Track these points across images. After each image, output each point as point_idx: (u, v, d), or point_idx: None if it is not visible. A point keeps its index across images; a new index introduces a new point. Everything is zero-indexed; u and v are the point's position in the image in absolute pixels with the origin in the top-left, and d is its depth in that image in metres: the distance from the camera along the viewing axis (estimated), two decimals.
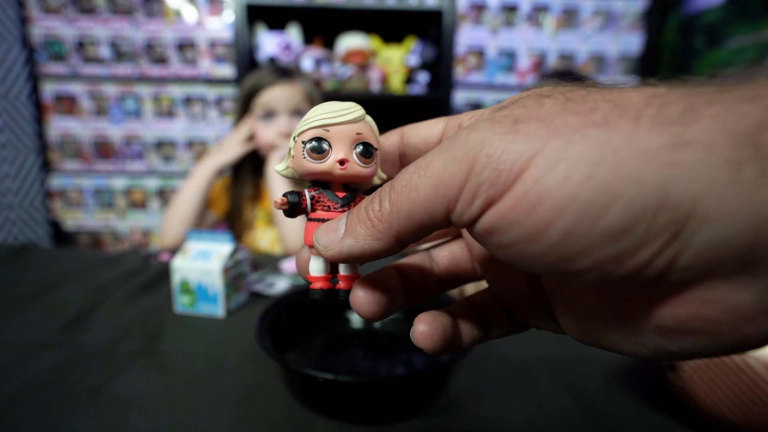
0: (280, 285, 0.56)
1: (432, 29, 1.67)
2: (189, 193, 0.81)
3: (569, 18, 1.58)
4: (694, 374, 0.31)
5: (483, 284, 0.18)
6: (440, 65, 1.60)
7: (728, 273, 0.10)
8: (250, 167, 0.86)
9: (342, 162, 0.15)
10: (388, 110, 1.77)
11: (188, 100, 1.60)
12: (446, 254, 0.18)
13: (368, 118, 0.15)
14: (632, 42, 1.60)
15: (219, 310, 0.47)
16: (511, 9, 1.57)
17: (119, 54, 1.55)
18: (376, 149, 0.15)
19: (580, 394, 0.34)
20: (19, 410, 0.31)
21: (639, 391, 0.34)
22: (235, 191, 0.87)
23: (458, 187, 0.11)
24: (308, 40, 1.64)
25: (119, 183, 1.63)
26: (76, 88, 1.56)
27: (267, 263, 0.64)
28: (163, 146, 1.63)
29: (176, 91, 1.59)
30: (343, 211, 0.15)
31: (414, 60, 1.59)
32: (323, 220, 0.15)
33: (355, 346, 0.42)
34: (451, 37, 1.55)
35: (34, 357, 0.38)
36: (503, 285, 0.16)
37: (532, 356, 0.39)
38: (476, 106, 1.61)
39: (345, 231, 0.13)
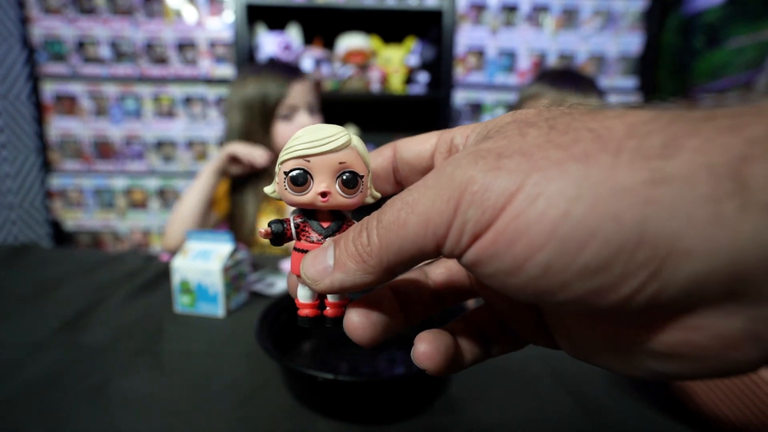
0: (280, 285, 0.56)
1: (432, 29, 1.67)
2: (192, 194, 0.81)
3: (569, 18, 1.58)
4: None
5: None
6: (440, 65, 1.60)
7: (714, 302, 0.10)
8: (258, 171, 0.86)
9: (324, 194, 0.14)
10: (388, 110, 1.77)
11: (188, 100, 1.60)
12: (442, 271, 0.18)
13: (355, 141, 0.15)
14: (632, 42, 1.60)
15: (219, 310, 0.47)
16: (511, 9, 1.57)
17: (119, 54, 1.55)
18: (362, 177, 0.15)
19: (580, 395, 0.34)
20: (20, 410, 0.31)
21: (639, 391, 0.34)
22: (239, 194, 0.87)
23: (446, 225, 0.11)
24: (308, 40, 1.64)
25: (119, 183, 1.63)
26: (76, 88, 1.56)
27: (267, 263, 0.64)
28: (163, 146, 1.63)
29: (176, 91, 1.59)
30: None
31: (414, 60, 1.59)
32: (307, 251, 0.15)
33: (355, 346, 0.42)
34: (451, 37, 1.55)
35: (34, 357, 0.38)
36: (500, 303, 0.16)
37: (533, 356, 0.39)
38: (476, 105, 1.62)
39: (334, 265, 0.13)
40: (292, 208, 0.16)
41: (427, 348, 0.15)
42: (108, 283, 0.56)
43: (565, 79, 0.82)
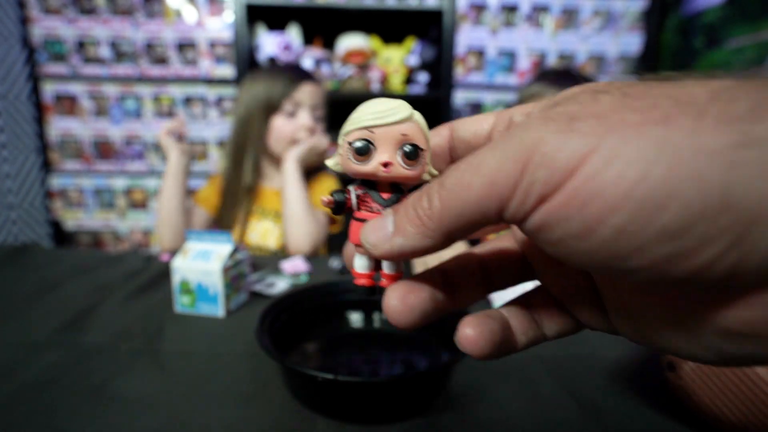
0: (280, 285, 0.56)
1: (432, 29, 1.67)
2: (162, 196, 0.81)
3: (569, 18, 1.58)
4: (693, 374, 0.31)
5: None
6: (440, 65, 1.60)
7: None
8: (251, 163, 0.85)
9: (386, 164, 0.15)
10: None
11: (188, 101, 1.60)
12: (493, 251, 0.17)
13: (417, 116, 0.15)
14: (632, 42, 1.60)
15: (219, 310, 0.47)
16: (510, 9, 1.57)
17: (119, 54, 1.56)
18: (422, 150, 0.15)
19: (580, 394, 0.34)
20: (20, 410, 0.31)
21: (639, 391, 0.34)
22: (232, 187, 0.86)
23: (512, 186, 0.11)
24: (308, 40, 1.64)
25: (119, 183, 1.63)
26: (76, 89, 1.56)
27: (267, 263, 0.64)
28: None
29: (176, 92, 1.59)
30: None
31: (414, 60, 1.59)
32: (366, 221, 0.15)
33: (355, 346, 0.42)
34: (451, 37, 1.55)
35: (34, 357, 0.38)
36: (557, 283, 0.16)
37: (533, 355, 0.39)
38: (476, 105, 1.62)
39: (394, 230, 0.13)
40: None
41: (472, 332, 0.14)
42: (108, 283, 0.56)
43: (567, 78, 0.81)
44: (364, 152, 0.15)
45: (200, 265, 0.47)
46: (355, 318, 0.45)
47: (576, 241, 0.11)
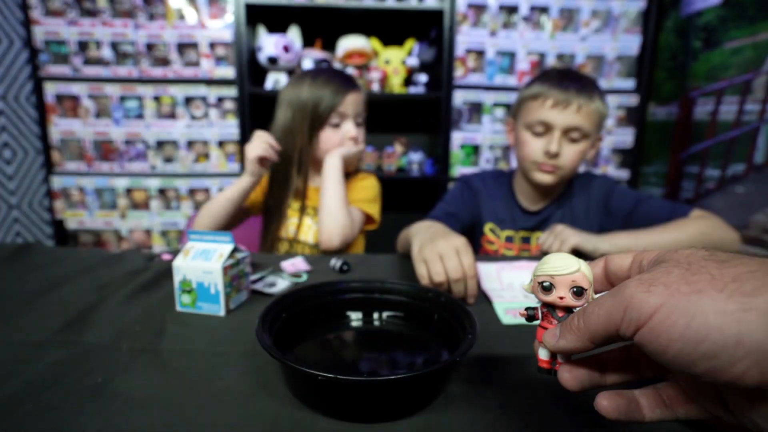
0: (280, 284, 0.56)
1: (431, 31, 1.67)
2: (219, 197, 0.82)
3: (568, 19, 1.59)
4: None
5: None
6: (440, 66, 1.60)
7: None
8: (296, 167, 0.87)
9: (561, 297, 0.24)
10: (388, 111, 1.77)
11: (189, 101, 1.61)
12: (626, 354, 0.25)
13: (583, 267, 0.24)
14: (630, 43, 1.60)
15: (220, 309, 0.47)
16: (510, 10, 1.58)
17: (120, 55, 1.56)
18: (586, 289, 0.23)
19: (580, 394, 0.34)
20: (22, 409, 0.31)
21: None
22: (280, 187, 0.89)
23: (619, 319, 0.20)
24: (308, 41, 1.65)
25: (121, 183, 1.63)
26: (78, 89, 1.57)
27: (268, 263, 0.65)
28: (164, 147, 1.63)
29: (177, 92, 1.59)
30: None
31: (413, 61, 1.59)
32: (547, 329, 0.24)
33: (356, 345, 0.42)
34: (450, 37, 1.55)
35: (36, 356, 0.38)
36: (685, 380, 0.23)
37: (532, 355, 0.39)
38: (476, 105, 1.62)
39: (560, 336, 0.23)
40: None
41: (606, 404, 0.23)
42: (110, 282, 0.56)
43: (569, 79, 0.80)
44: (548, 290, 0.24)
45: (201, 264, 0.47)
46: (356, 317, 0.45)
47: (659, 355, 0.19)
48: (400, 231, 0.76)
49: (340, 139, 0.87)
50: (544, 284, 0.24)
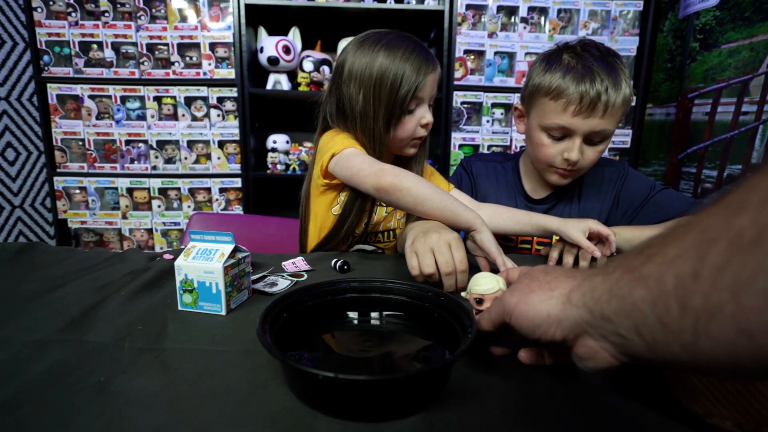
0: (281, 284, 0.56)
1: (431, 32, 1.67)
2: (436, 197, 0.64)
3: (566, 20, 1.59)
4: (693, 374, 0.32)
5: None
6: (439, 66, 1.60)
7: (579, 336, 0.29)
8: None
9: (487, 308, 0.37)
10: None
11: (190, 102, 1.61)
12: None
13: (501, 284, 0.41)
14: (628, 44, 1.60)
15: (221, 309, 0.48)
16: (509, 11, 1.58)
17: (122, 56, 1.57)
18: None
19: (580, 393, 0.34)
20: (24, 408, 0.32)
21: (639, 391, 0.34)
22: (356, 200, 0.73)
23: (502, 312, 0.34)
24: (309, 43, 1.65)
25: (122, 183, 1.64)
26: (80, 90, 1.58)
27: (269, 262, 0.65)
28: (165, 147, 1.64)
29: (178, 93, 1.60)
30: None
31: None
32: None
33: (356, 345, 0.42)
34: (450, 38, 1.55)
35: (38, 355, 0.39)
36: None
37: None
38: (476, 105, 1.62)
39: (478, 323, 0.37)
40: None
41: (524, 355, 0.38)
42: (111, 281, 0.56)
43: (593, 69, 0.68)
44: (479, 302, 0.42)
45: (202, 264, 0.47)
46: (356, 317, 0.45)
47: (520, 329, 0.33)
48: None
49: (415, 126, 0.72)
50: (477, 299, 0.43)
